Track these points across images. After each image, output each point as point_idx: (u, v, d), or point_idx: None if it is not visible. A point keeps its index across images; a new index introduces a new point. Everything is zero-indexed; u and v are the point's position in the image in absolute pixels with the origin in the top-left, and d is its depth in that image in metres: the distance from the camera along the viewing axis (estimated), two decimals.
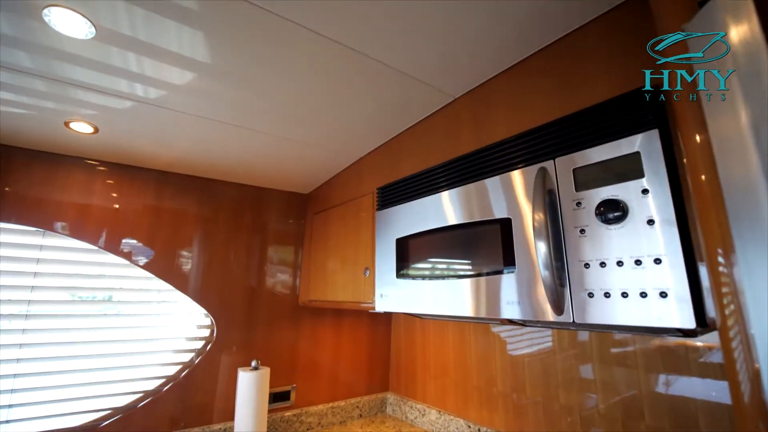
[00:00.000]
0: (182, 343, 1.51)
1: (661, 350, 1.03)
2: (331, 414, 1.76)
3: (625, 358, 1.11)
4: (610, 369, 1.14)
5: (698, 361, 0.97)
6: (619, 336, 1.12)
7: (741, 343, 0.42)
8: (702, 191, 0.51)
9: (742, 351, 0.41)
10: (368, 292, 1.31)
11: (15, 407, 1.21)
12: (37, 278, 1.29)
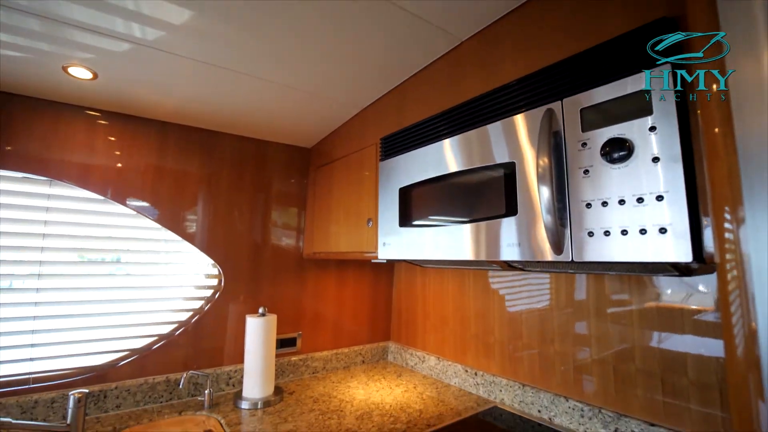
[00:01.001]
0: (192, 291, 1.56)
1: (657, 310, 1.07)
2: (336, 360, 1.85)
3: (621, 317, 1.15)
4: (605, 326, 1.19)
5: (692, 318, 1.00)
6: (617, 296, 1.16)
7: (739, 297, 0.41)
8: (714, 139, 0.50)
9: (740, 306, 0.41)
10: (371, 242, 1.33)
11: (38, 347, 1.28)
12: (48, 227, 1.32)
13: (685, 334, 1.01)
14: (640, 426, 1.08)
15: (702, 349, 0.99)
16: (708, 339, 0.98)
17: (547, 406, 1.30)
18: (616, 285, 1.16)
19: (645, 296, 1.10)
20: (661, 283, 1.07)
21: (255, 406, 1.38)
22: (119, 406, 1.35)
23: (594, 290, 1.21)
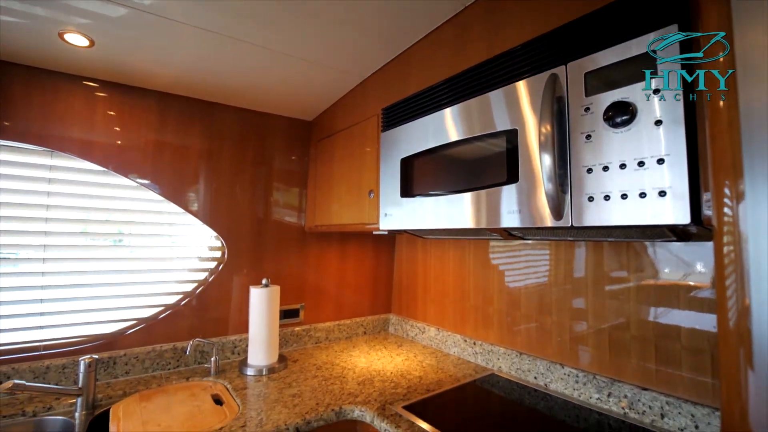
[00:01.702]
0: (195, 263, 1.59)
1: (655, 288, 1.09)
2: (338, 330, 1.89)
3: (618, 294, 1.17)
4: (602, 302, 1.21)
5: (689, 295, 1.03)
6: (615, 274, 1.17)
7: (735, 273, 0.41)
8: (718, 111, 0.49)
9: (735, 282, 0.41)
10: (372, 213, 1.34)
11: (47, 315, 1.31)
12: (51, 198, 1.33)
13: (680, 309, 1.04)
14: (632, 390, 1.12)
15: (696, 323, 1.01)
16: (703, 314, 1.01)
17: (543, 373, 1.34)
18: (614, 263, 1.18)
19: (643, 274, 1.12)
20: (660, 262, 1.09)
21: (260, 373, 1.43)
22: (128, 373, 1.39)
23: (592, 268, 1.23)
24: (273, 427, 1.04)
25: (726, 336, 0.38)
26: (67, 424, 1.16)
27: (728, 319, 0.38)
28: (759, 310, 0.33)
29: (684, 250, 1.03)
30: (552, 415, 1.13)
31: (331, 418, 1.14)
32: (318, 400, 1.21)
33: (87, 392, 1.18)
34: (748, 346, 0.33)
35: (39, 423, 1.16)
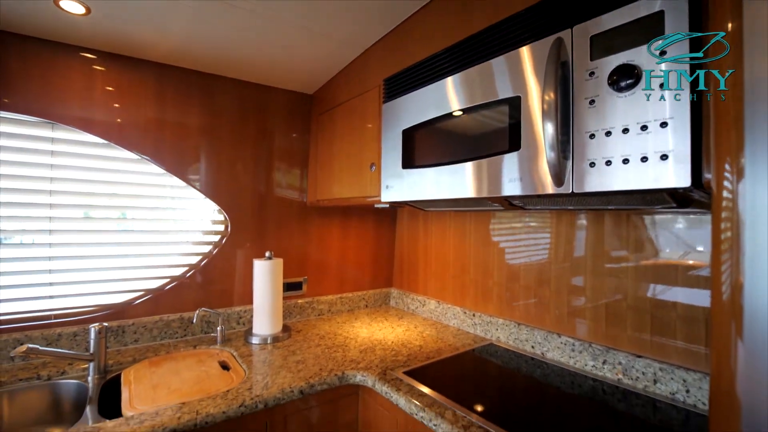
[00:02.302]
0: (199, 236, 1.60)
1: (654, 267, 1.11)
2: (340, 303, 1.93)
3: (617, 272, 1.19)
4: (601, 279, 1.23)
5: (687, 274, 1.04)
6: (616, 253, 1.19)
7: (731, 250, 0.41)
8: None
9: (731, 258, 0.40)
10: (374, 186, 1.35)
11: (56, 285, 1.34)
12: (54, 170, 1.33)
13: (678, 286, 1.06)
14: (627, 357, 1.15)
15: (693, 299, 1.04)
16: (700, 290, 1.03)
17: (540, 342, 1.37)
18: (615, 242, 1.19)
19: (643, 254, 1.13)
20: (660, 242, 1.10)
21: (265, 342, 1.47)
22: (137, 341, 1.43)
23: (592, 247, 1.25)
24: (278, 389, 1.08)
25: (719, 308, 0.39)
26: (81, 387, 1.21)
27: (722, 292, 0.39)
28: (752, 287, 0.35)
29: (684, 232, 1.05)
30: (548, 382, 1.17)
31: (334, 382, 1.18)
32: (321, 366, 1.25)
33: (98, 358, 1.22)
34: (739, 319, 0.34)
35: (54, 386, 1.20)
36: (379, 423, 1.17)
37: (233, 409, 0.99)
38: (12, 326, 1.25)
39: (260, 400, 1.04)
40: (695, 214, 1.03)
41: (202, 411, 0.97)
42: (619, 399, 1.06)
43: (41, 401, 1.19)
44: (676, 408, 1.01)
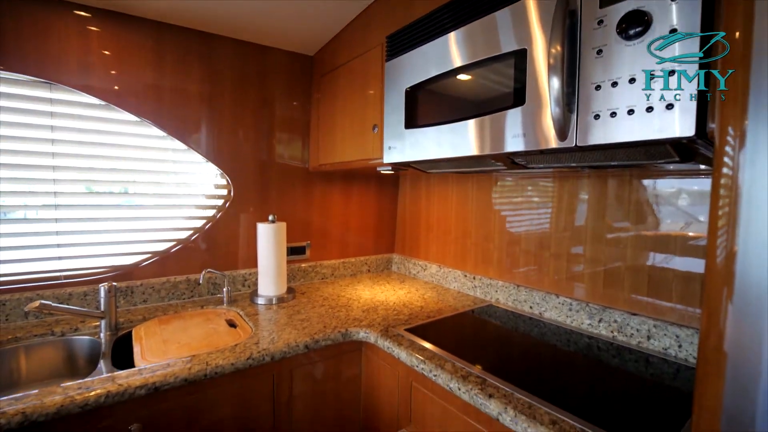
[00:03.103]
0: (203, 200, 1.61)
1: (654, 237, 1.12)
2: (343, 267, 1.96)
3: (617, 242, 1.20)
4: (600, 248, 1.24)
5: (687, 243, 1.06)
6: (619, 223, 1.19)
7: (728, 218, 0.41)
8: None
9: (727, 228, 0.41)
10: (376, 148, 1.34)
11: (63, 247, 1.36)
12: (55, 132, 1.33)
13: (677, 255, 1.07)
14: (622, 315, 1.18)
15: (690, 266, 1.06)
16: (698, 259, 1.04)
17: (538, 302, 1.41)
18: (617, 213, 1.20)
19: (644, 225, 1.14)
20: (662, 213, 1.11)
21: (270, 302, 1.51)
22: (146, 301, 1.47)
23: (594, 217, 1.26)
24: (284, 344, 1.12)
25: (712, 273, 0.41)
26: (94, 343, 1.25)
27: (716, 256, 0.41)
28: (744, 255, 0.36)
29: (687, 205, 1.06)
30: (545, 340, 1.20)
31: (338, 338, 1.22)
32: (325, 323, 1.29)
33: (109, 315, 1.26)
34: (730, 285, 0.36)
35: (68, 342, 1.25)
36: (381, 376, 1.22)
37: (241, 361, 1.04)
38: (24, 286, 1.29)
39: (267, 353, 1.08)
40: (698, 176, 1.03)
41: (212, 362, 1.01)
42: (614, 355, 1.09)
43: (56, 356, 1.24)
44: (668, 362, 1.04)
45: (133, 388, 0.89)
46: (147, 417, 0.92)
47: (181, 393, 0.97)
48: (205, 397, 1.00)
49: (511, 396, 0.85)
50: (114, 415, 0.89)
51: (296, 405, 1.17)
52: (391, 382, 1.17)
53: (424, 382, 1.05)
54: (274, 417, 1.13)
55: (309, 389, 1.19)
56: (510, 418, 0.80)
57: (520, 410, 0.80)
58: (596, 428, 0.73)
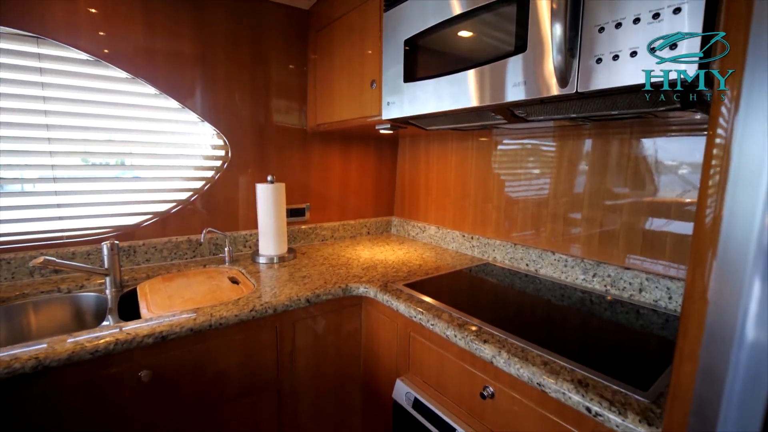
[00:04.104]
0: (200, 161, 1.60)
1: (652, 203, 1.13)
2: (342, 229, 1.98)
3: (614, 208, 1.21)
4: (598, 213, 1.25)
5: (683, 209, 1.07)
6: (618, 189, 1.20)
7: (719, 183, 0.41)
8: None
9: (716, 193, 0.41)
10: (375, 104, 1.32)
11: (63, 207, 1.37)
12: (46, 90, 1.30)
13: (671, 219, 1.09)
14: (616, 270, 1.21)
15: (688, 230, 1.06)
16: (691, 223, 1.04)
17: (534, 260, 1.44)
18: (616, 179, 1.20)
19: (643, 192, 1.14)
20: (661, 181, 1.11)
21: (271, 261, 1.53)
22: (149, 260, 1.50)
23: (594, 185, 1.26)
24: (286, 297, 1.16)
25: (700, 233, 0.43)
26: (100, 299, 1.29)
27: (705, 216, 0.42)
28: (729, 220, 0.38)
29: (686, 174, 1.06)
30: (539, 295, 1.23)
31: (338, 293, 1.25)
32: (326, 280, 1.32)
33: (113, 272, 1.29)
34: (715, 245, 0.39)
35: (74, 298, 1.28)
36: (381, 329, 1.26)
37: (244, 313, 1.07)
38: (27, 245, 1.30)
39: (269, 306, 1.11)
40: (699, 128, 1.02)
41: (216, 314, 1.04)
42: (605, 308, 1.13)
43: (64, 312, 1.27)
44: (657, 313, 1.08)
45: (141, 337, 0.92)
46: (155, 365, 0.96)
47: (188, 342, 1.01)
48: (211, 346, 1.04)
49: (505, 341, 0.89)
50: (123, 362, 0.92)
51: (299, 356, 1.22)
52: (390, 334, 1.22)
53: (421, 331, 1.09)
54: (278, 367, 1.18)
55: (311, 341, 1.24)
56: (503, 360, 0.83)
57: (513, 353, 0.83)
58: (585, 368, 0.77)
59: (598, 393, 0.70)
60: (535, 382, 0.77)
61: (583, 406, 0.69)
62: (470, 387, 0.95)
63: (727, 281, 0.39)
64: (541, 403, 0.79)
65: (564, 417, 0.75)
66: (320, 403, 1.30)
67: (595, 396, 0.69)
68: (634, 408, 0.65)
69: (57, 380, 0.85)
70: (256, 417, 1.16)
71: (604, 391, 0.70)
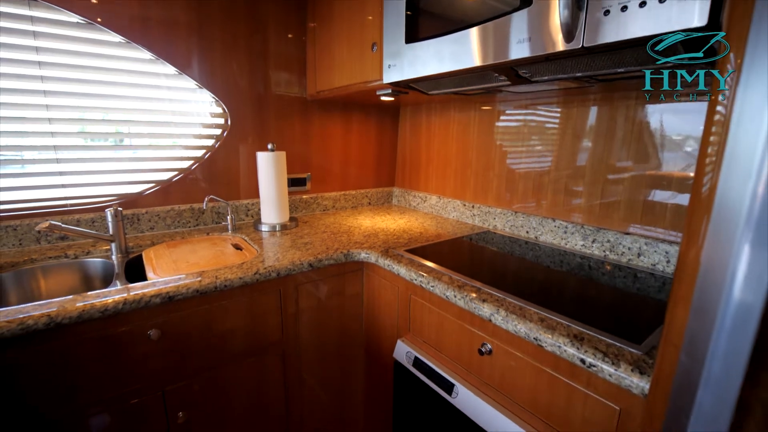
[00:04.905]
0: (200, 129, 1.59)
1: (654, 176, 1.13)
2: (344, 199, 1.99)
3: (616, 182, 1.20)
4: (599, 186, 1.25)
5: (685, 183, 1.07)
6: (621, 163, 1.19)
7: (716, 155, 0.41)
8: None
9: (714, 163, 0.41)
10: (375, 68, 1.29)
11: (66, 175, 1.37)
12: (41, 54, 1.27)
13: (672, 191, 1.10)
14: (615, 235, 1.22)
15: (685, 201, 1.08)
16: None
17: (535, 227, 1.44)
18: (620, 152, 1.19)
19: (647, 165, 1.14)
20: (665, 156, 1.10)
21: (274, 229, 1.55)
22: (153, 228, 1.51)
23: (594, 155, 1.24)
24: (288, 262, 1.17)
25: (697, 202, 0.44)
26: (107, 264, 1.31)
27: (702, 185, 0.43)
28: (723, 189, 0.40)
29: (691, 150, 1.05)
30: (538, 262, 1.25)
31: (340, 258, 1.27)
32: (328, 246, 1.33)
33: (118, 238, 1.30)
34: (710, 212, 0.40)
35: (81, 264, 1.31)
36: (382, 293, 1.29)
37: (249, 276, 1.09)
38: (32, 212, 1.32)
39: (273, 269, 1.13)
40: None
41: (221, 276, 1.06)
42: (603, 273, 1.14)
43: (72, 277, 1.30)
44: (655, 276, 1.10)
45: (148, 297, 0.95)
46: (163, 324, 0.99)
47: (194, 303, 1.03)
48: (216, 308, 1.07)
49: (504, 300, 0.91)
50: (132, 321, 0.95)
51: (302, 318, 1.25)
52: (391, 297, 1.24)
53: (422, 293, 1.12)
54: (283, 328, 1.21)
55: (314, 304, 1.27)
56: (501, 317, 0.85)
57: (511, 311, 0.85)
58: (581, 323, 0.79)
59: (592, 346, 0.72)
60: (532, 337, 0.79)
61: (578, 358, 0.72)
62: (469, 345, 0.98)
63: (717, 247, 0.41)
64: (537, 358, 0.82)
65: (558, 369, 0.78)
66: (323, 364, 1.34)
67: (590, 348, 0.71)
68: (627, 359, 0.68)
69: (68, 337, 0.88)
70: (261, 376, 1.20)
71: (598, 344, 0.72)
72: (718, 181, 0.40)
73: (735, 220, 0.38)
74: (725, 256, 0.39)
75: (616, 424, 0.70)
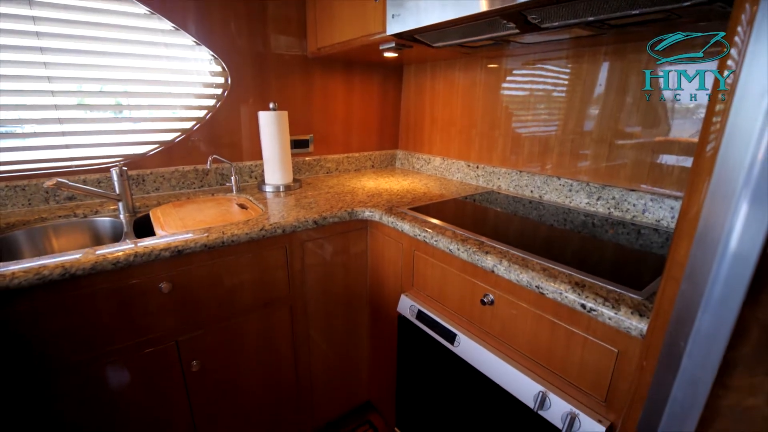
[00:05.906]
0: (200, 89, 1.56)
1: (664, 142, 1.11)
2: (347, 162, 1.98)
3: (623, 147, 1.19)
4: (605, 149, 1.22)
5: (690, 147, 1.05)
6: (630, 128, 1.16)
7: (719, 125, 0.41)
8: None
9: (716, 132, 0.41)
10: (378, 19, 1.25)
11: (68, 135, 1.37)
12: (34, 9, 1.23)
13: (678, 155, 1.09)
14: (621, 192, 1.21)
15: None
16: None
17: (539, 186, 1.44)
18: (629, 117, 1.16)
19: (657, 130, 1.11)
20: (675, 121, 1.07)
21: (278, 189, 1.55)
22: (158, 189, 1.52)
23: (599, 122, 1.21)
24: (294, 219, 1.19)
25: (699, 163, 0.45)
26: (115, 222, 1.33)
27: (706, 150, 0.43)
28: (724, 152, 0.40)
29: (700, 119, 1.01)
30: (542, 221, 1.25)
31: (344, 216, 1.28)
32: (332, 205, 1.34)
33: (125, 198, 1.32)
34: (710, 173, 0.41)
35: (91, 223, 1.33)
36: (386, 249, 1.31)
37: (255, 232, 1.11)
38: (38, 172, 1.32)
39: (278, 226, 1.15)
40: None
41: (228, 232, 1.08)
42: (607, 230, 1.14)
43: (82, 235, 1.32)
44: (659, 232, 1.10)
45: (158, 250, 0.97)
46: (174, 277, 1.02)
47: (202, 258, 1.06)
48: (224, 263, 1.10)
49: (507, 252, 0.92)
50: (143, 274, 0.98)
51: (309, 274, 1.28)
52: (395, 254, 1.26)
53: (425, 249, 1.13)
54: (289, 284, 1.24)
55: (319, 261, 1.29)
56: (504, 268, 0.87)
57: (514, 261, 0.87)
58: (582, 272, 0.80)
59: (593, 292, 0.73)
60: (534, 285, 0.81)
61: (579, 304, 0.73)
62: (471, 296, 1.00)
63: (716, 204, 0.42)
64: (539, 305, 0.84)
65: (559, 316, 0.80)
66: (330, 318, 1.39)
67: (591, 294, 0.73)
68: (628, 303, 0.69)
69: (83, 287, 0.91)
70: (270, 327, 1.25)
71: (599, 290, 0.74)
72: (720, 146, 0.40)
73: (730, 183, 0.39)
74: (720, 217, 0.40)
75: (613, 365, 0.72)
